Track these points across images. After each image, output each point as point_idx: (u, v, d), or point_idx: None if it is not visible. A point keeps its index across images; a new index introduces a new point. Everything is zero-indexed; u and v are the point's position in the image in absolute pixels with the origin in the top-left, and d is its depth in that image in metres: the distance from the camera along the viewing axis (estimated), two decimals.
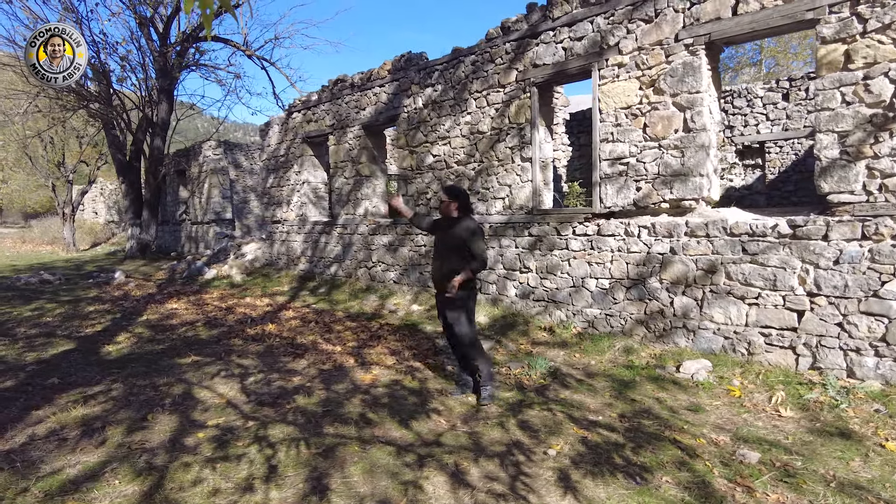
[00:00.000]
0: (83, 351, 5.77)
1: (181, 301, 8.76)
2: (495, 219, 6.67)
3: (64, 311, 8.09)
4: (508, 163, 6.50)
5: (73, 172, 17.99)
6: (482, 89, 6.73)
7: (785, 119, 9.39)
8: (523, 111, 6.29)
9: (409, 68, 7.71)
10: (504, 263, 6.61)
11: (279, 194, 11.04)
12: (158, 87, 13.99)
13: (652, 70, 5.18)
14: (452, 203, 4.07)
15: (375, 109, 8.41)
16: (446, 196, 4.11)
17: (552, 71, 5.96)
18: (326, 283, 9.50)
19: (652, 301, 5.30)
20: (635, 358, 5.14)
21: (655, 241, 5.25)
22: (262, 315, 7.53)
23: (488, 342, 5.74)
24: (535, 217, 6.24)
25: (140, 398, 4.23)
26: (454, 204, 4.07)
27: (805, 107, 9.19)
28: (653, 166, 5.24)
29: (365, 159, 8.84)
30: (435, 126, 7.39)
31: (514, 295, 6.54)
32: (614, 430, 3.64)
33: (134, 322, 7.27)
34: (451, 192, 4.12)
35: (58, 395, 4.35)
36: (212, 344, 6.03)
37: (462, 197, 4.11)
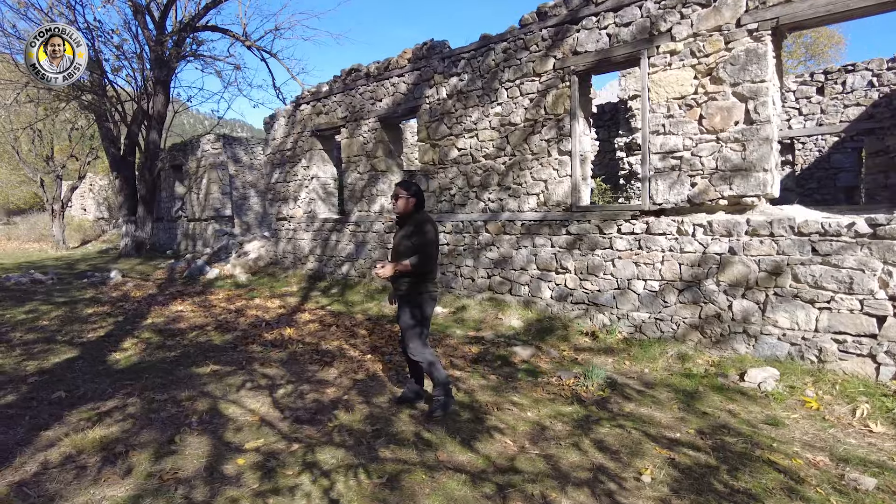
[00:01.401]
0: (88, 359, 5.29)
1: (186, 302, 8.27)
2: (528, 216, 6.30)
3: (61, 313, 7.56)
4: (544, 156, 6.12)
5: (63, 167, 17.25)
6: (515, 78, 6.34)
7: (819, 114, 9.14)
8: (562, 101, 5.91)
9: (432, 57, 7.29)
10: (538, 264, 6.24)
11: (285, 190, 10.56)
12: (154, 77, 13.38)
13: (709, 58, 4.83)
14: (411, 199, 3.69)
15: (393, 100, 7.98)
16: (403, 191, 3.70)
17: (595, 59, 5.59)
18: (338, 283, 9.06)
19: (708, 304, 4.97)
20: (692, 365, 4.80)
21: (712, 241, 4.91)
22: (276, 318, 7.08)
23: (528, 348, 5.37)
24: (575, 214, 5.87)
25: (162, 415, 3.78)
26: (412, 200, 3.69)
27: (842, 101, 8.95)
28: (710, 160, 4.90)
29: (381, 153, 8.41)
30: (460, 118, 6.98)
31: (549, 297, 6.18)
32: (700, 450, 3.29)
33: (139, 326, 6.78)
34: (408, 186, 3.73)
35: (67, 411, 3.89)
36: (228, 350, 5.58)
37: (420, 193, 3.76)
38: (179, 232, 15.83)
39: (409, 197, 3.67)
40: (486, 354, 5.31)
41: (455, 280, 7.24)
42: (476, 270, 6.94)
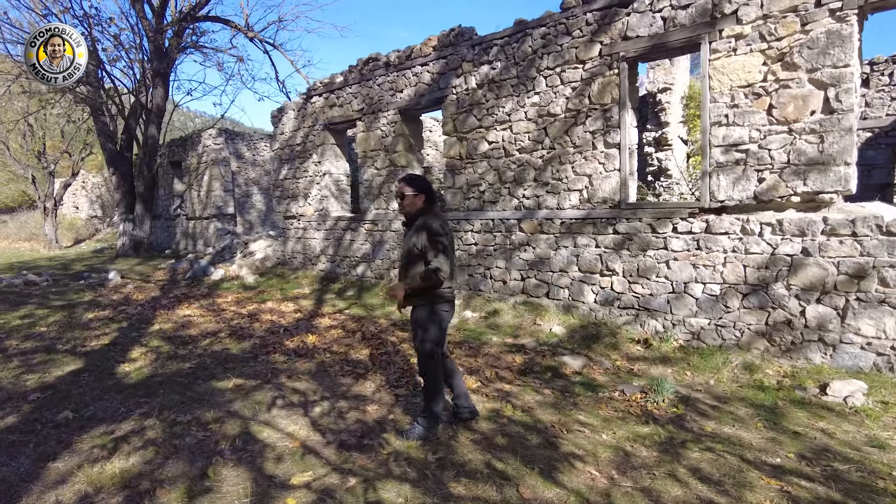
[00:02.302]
0: (95, 371, 4.80)
1: (193, 306, 7.76)
2: (569, 214, 5.87)
3: (59, 318, 7.03)
4: (588, 149, 5.69)
5: (56, 163, 16.58)
6: (554, 66, 5.90)
7: (864, 107, 8.79)
8: (609, 90, 5.49)
9: (460, 44, 6.83)
10: (580, 265, 5.81)
11: (294, 187, 10.05)
12: (153, 69, 12.79)
13: (782, 42, 4.42)
14: (419, 196, 3.15)
15: (416, 91, 7.51)
16: (409, 187, 3.16)
17: (648, 44, 5.17)
18: (353, 284, 8.59)
19: (776, 310, 4.56)
20: (762, 376, 4.40)
21: (782, 241, 4.51)
22: (294, 323, 6.60)
23: (578, 358, 4.94)
24: (624, 212, 5.45)
25: (188, 442, 3.31)
26: (421, 196, 3.15)
27: (889, 93, 8.61)
28: (780, 154, 4.49)
29: (401, 148, 7.94)
30: (492, 109, 6.53)
31: (592, 301, 5.75)
32: (813, 480, 2.87)
33: (145, 333, 6.27)
34: (414, 181, 3.20)
35: (77, 436, 3.41)
36: (249, 361, 5.10)
37: (430, 188, 3.22)
38: (178, 231, 15.25)
39: (417, 193, 3.14)
40: (533, 365, 4.87)
41: (484, 282, 6.80)
42: (508, 272, 6.51)
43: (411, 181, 3.18)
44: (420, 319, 3.23)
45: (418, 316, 3.24)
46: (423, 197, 3.14)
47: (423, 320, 3.22)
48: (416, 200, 3.15)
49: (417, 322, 3.25)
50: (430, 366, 3.27)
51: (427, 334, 3.22)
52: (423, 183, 3.19)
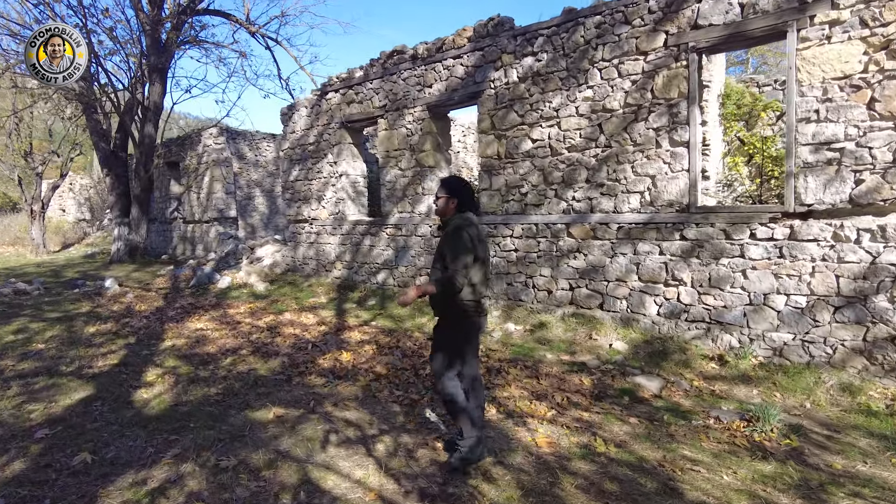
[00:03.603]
0: (108, 399, 4.19)
1: (204, 318, 7.14)
2: (628, 218, 5.39)
3: (57, 333, 6.38)
4: (651, 147, 5.22)
5: (44, 164, 15.74)
6: (611, 57, 5.43)
7: None
8: (676, 83, 5.03)
9: (500, 34, 6.34)
10: (641, 274, 5.33)
11: (307, 189, 9.47)
12: (150, 64, 12.11)
13: (888, 28, 3.99)
14: (452, 200, 3.02)
15: (447, 86, 7.00)
16: (441, 190, 3.06)
17: (722, 34, 4.72)
18: (374, 293, 8.03)
19: (877, 325, 4.13)
20: (866, 399, 3.95)
21: (885, 249, 4.07)
22: (320, 338, 6.04)
23: (653, 379, 4.46)
24: (693, 216, 4.99)
25: (239, 495, 2.74)
26: (453, 200, 3.02)
27: None
28: (884, 152, 4.06)
29: (429, 146, 7.42)
30: (537, 104, 6.05)
31: (655, 313, 5.28)
32: None
33: (157, 350, 5.66)
34: (449, 185, 3.07)
35: (101, 487, 2.84)
36: (282, 384, 4.54)
37: (465, 192, 3.04)
38: (175, 235, 14.52)
39: (449, 197, 3.02)
40: (605, 388, 4.38)
41: (525, 291, 6.29)
42: (554, 281, 6.01)
43: (444, 184, 3.08)
44: (438, 332, 3.09)
45: (439, 329, 3.09)
46: (456, 201, 3.01)
47: (441, 334, 3.07)
48: (449, 204, 3.02)
49: (435, 335, 3.12)
50: (443, 384, 3.01)
51: (449, 347, 3.03)
52: (457, 186, 3.05)
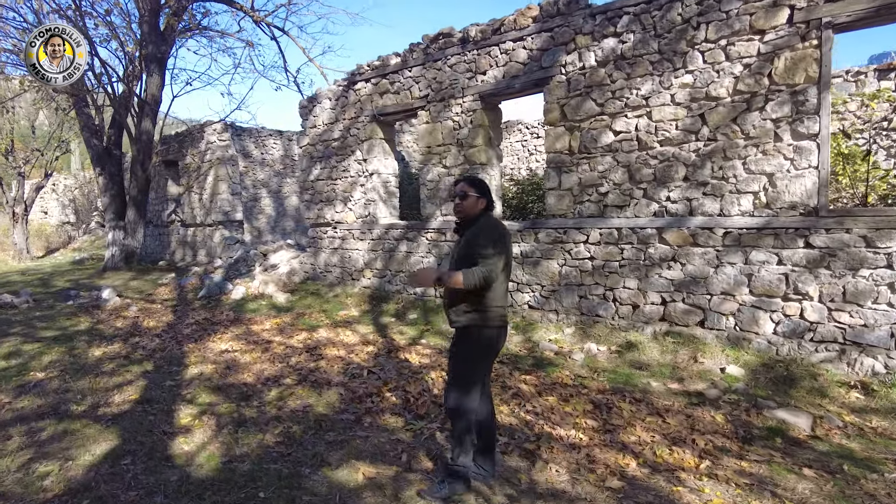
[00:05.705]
0: (139, 454, 3.32)
1: (226, 337, 6.25)
2: (738, 222, 4.67)
3: (57, 357, 5.44)
4: (768, 141, 4.51)
5: (27, 163, 14.54)
6: (717, 38, 4.71)
7: None
8: (801, 66, 4.32)
9: (573, 13, 5.57)
10: (753, 287, 4.61)
11: (330, 189, 8.60)
12: (147, 53, 11.10)
13: None
14: (481, 199, 2.88)
15: (505, 72, 6.21)
16: (473, 189, 2.88)
17: (870, 6, 4.02)
18: (413, 306, 7.20)
19: None
20: None
21: None
22: (371, 361, 5.20)
23: (799, 414, 3.73)
24: (822, 220, 4.28)
25: None
26: (483, 200, 2.89)
27: None
28: None
29: (480, 141, 6.63)
30: (620, 91, 5.30)
31: (771, 332, 4.57)
32: None
33: (182, 380, 4.77)
34: (478, 184, 2.92)
35: None
36: (352, 426, 3.71)
37: (490, 193, 2.94)
38: (173, 239, 13.48)
39: (479, 196, 2.88)
40: (747, 426, 3.64)
41: (604, 306, 5.54)
42: (643, 294, 5.27)
43: (474, 182, 2.94)
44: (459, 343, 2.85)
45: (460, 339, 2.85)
46: (485, 201, 2.90)
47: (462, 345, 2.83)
48: (478, 204, 2.89)
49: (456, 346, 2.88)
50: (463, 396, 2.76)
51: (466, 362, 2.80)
52: (485, 187, 2.95)
